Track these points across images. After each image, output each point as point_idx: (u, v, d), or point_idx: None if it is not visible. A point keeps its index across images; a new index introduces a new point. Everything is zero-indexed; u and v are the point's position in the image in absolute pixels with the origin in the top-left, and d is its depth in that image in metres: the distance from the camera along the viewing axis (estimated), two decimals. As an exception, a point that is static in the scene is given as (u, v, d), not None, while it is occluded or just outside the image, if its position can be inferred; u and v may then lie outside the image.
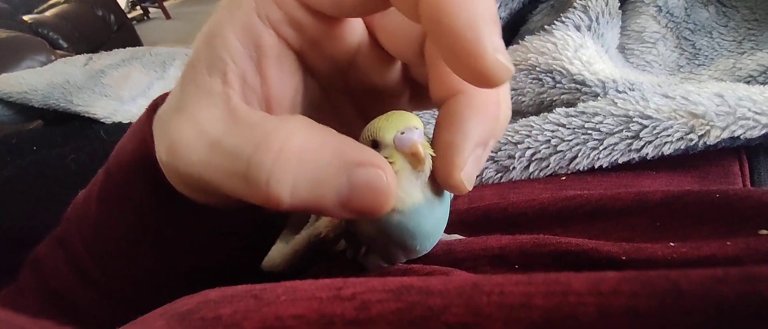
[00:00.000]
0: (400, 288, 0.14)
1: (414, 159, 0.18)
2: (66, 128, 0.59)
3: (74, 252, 0.26)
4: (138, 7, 3.42)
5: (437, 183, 0.19)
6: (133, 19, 3.11)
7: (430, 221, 0.20)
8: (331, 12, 0.17)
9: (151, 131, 0.22)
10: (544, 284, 0.12)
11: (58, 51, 1.56)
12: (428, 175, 0.19)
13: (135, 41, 2.51)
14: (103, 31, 2.20)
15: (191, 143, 0.17)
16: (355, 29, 0.19)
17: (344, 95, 0.23)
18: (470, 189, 0.18)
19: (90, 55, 0.69)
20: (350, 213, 0.17)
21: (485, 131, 0.18)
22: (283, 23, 0.18)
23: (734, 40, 0.37)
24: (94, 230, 0.25)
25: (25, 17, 1.92)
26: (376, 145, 0.19)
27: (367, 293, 0.14)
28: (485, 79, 0.14)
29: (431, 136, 0.19)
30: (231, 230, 0.24)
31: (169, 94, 0.22)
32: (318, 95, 0.22)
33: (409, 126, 0.18)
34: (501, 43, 0.14)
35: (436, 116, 0.20)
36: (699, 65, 0.37)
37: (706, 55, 0.38)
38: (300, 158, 0.16)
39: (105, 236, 0.25)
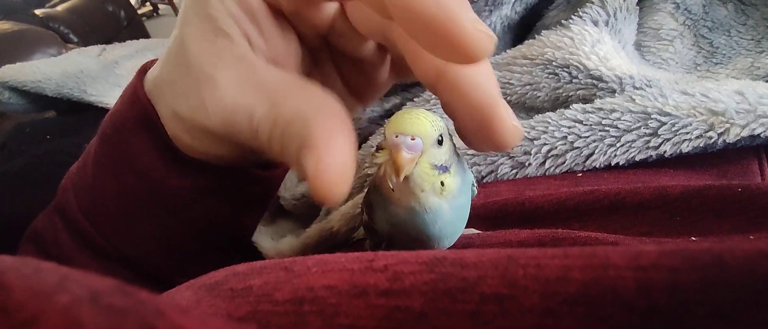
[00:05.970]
0: (433, 260, 0.13)
1: (391, 166, 0.17)
2: (79, 118, 0.59)
3: (73, 219, 0.26)
4: (147, 3, 3.43)
5: (452, 182, 0.19)
6: (143, 15, 3.12)
7: (441, 220, 0.20)
8: None
9: (145, 94, 0.23)
10: (581, 257, 0.12)
11: (69, 45, 1.57)
12: (440, 180, 0.19)
13: (144, 37, 2.51)
14: (113, 26, 2.22)
15: (219, 104, 0.19)
16: (328, 3, 0.20)
17: (330, 63, 0.24)
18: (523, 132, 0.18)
19: (104, 46, 0.69)
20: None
21: (495, 82, 0.18)
22: None
23: (753, 39, 0.37)
24: (91, 196, 0.26)
25: (37, 11, 1.93)
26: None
27: (400, 264, 0.14)
28: (471, 54, 0.14)
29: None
30: (226, 190, 0.25)
31: (156, 60, 0.23)
32: (308, 60, 0.23)
33: (407, 132, 0.17)
34: (475, 15, 0.14)
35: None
36: (716, 64, 0.37)
37: (724, 54, 0.37)
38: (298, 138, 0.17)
39: (103, 199, 0.25)
